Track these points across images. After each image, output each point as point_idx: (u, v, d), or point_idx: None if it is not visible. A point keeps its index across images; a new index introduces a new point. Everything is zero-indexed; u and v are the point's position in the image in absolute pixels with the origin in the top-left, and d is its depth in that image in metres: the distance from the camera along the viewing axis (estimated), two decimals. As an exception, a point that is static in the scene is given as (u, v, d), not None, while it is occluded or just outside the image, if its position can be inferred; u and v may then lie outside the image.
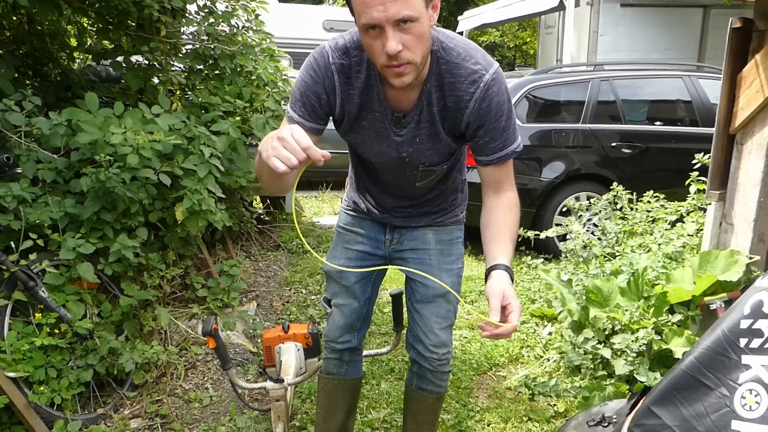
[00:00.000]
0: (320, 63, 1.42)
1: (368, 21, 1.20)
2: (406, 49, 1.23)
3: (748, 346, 1.12)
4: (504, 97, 1.41)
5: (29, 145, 2.46)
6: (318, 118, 1.47)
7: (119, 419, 2.44)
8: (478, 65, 1.38)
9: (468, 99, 1.39)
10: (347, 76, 1.43)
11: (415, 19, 1.20)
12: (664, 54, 7.73)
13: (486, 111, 1.40)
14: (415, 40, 1.23)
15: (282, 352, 2.31)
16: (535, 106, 4.83)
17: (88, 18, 3.56)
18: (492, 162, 1.48)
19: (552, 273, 3.32)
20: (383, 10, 1.17)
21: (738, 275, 2.49)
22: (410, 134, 1.49)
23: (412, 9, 1.19)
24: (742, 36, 2.55)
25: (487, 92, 1.38)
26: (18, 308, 2.32)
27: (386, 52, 1.22)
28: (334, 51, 1.42)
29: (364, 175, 1.77)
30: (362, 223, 1.84)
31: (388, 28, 1.20)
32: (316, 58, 1.44)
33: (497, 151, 1.46)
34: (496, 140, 1.44)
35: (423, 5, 1.22)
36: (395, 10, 1.17)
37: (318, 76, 1.43)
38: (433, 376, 1.85)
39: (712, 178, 2.74)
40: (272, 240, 4.65)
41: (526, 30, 16.02)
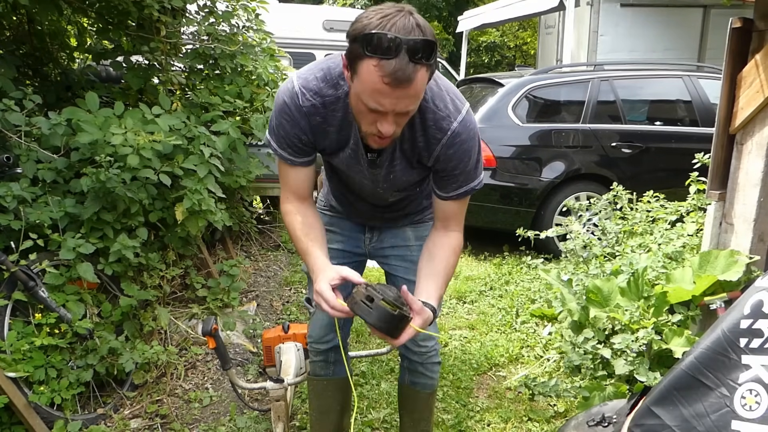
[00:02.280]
0: (291, 106, 1.42)
1: (375, 107, 1.22)
2: (397, 126, 1.29)
3: (748, 346, 1.12)
4: (470, 143, 1.44)
5: (29, 144, 2.45)
6: (305, 154, 1.52)
7: (119, 419, 2.44)
8: (447, 111, 1.40)
9: (435, 143, 1.42)
10: (320, 115, 1.43)
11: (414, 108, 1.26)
12: (664, 54, 7.72)
13: (451, 156, 1.44)
14: (406, 120, 1.30)
15: (282, 352, 2.31)
16: (535, 106, 4.83)
17: (88, 18, 3.56)
18: (450, 198, 1.52)
19: (552, 273, 3.32)
20: (395, 103, 1.20)
21: (738, 275, 2.49)
22: (385, 171, 1.53)
23: (417, 103, 1.25)
24: (742, 36, 2.55)
25: (454, 140, 1.41)
26: (18, 308, 2.32)
27: (380, 130, 1.27)
28: (304, 93, 1.40)
29: (338, 184, 1.78)
30: (340, 222, 1.85)
31: (389, 115, 1.24)
32: (287, 102, 1.42)
33: (456, 189, 1.50)
34: (458, 180, 1.48)
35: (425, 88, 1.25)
36: (404, 105, 1.22)
37: (293, 119, 1.43)
38: (424, 369, 1.86)
39: (712, 178, 2.73)
40: (272, 240, 4.65)
41: (526, 30, 16.02)
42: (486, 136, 4.55)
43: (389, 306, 1.28)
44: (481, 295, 3.94)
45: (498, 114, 4.64)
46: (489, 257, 4.74)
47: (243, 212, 4.16)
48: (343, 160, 1.53)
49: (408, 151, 1.47)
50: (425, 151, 1.46)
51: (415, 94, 1.21)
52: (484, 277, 4.25)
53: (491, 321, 3.52)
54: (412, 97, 1.21)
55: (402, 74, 1.14)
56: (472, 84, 5.51)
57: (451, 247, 1.54)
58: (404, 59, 1.13)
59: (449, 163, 1.45)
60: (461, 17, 10.81)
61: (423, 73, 1.18)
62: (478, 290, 4.00)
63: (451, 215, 1.56)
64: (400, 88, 1.16)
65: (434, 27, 16.03)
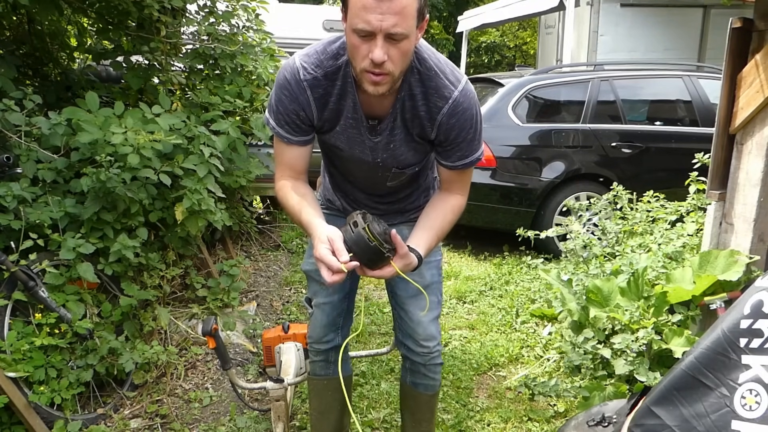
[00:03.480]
0: (291, 81, 1.45)
1: (363, 26, 1.24)
2: (389, 60, 1.28)
3: (748, 346, 1.12)
4: (471, 111, 1.46)
5: (29, 144, 2.45)
6: (303, 132, 1.53)
7: (119, 419, 2.44)
8: (449, 80, 1.43)
9: (436, 112, 1.44)
10: (321, 87, 1.46)
11: (405, 36, 1.26)
12: (664, 54, 7.72)
13: (453, 125, 1.46)
14: (400, 55, 1.29)
15: (282, 352, 2.32)
16: (535, 106, 4.83)
17: (88, 18, 3.56)
18: (453, 168, 1.55)
19: (552, 273, 3.32)
20: (381, 19, 1.22)
21: (738, 275, 2.49)
22: (385, 140, 1.53)
23: (405, 27, 1.24)
24: (742, 36, 2.55)
25: (456, 108, 1.44)
26: (18, 308, 2.32)
27: (371, 58, 1.27)
28: (305, 66, 1.44)
29: (336, 175, 1.78)
30: (338, 220, 1.83)
31: (379, 37, 1.24)
32: (287, 78, 1.46)
33: (460, 159, 1.52)
34: (462, 150, 1.51)
35: (414, 25, 1.28)
36: (391, 22, 1.22)
37: (292, 94, 1.46)
38: (426, 370, 1.86)
39: (712, 178, 2.73)
40: (272, 240, 4.65)
41: (526, 30, 16.02)
42: (486, 136, 4.49)
43: (369, 235, 1.30)
44: (481, 295, 3.94)
45: (498, 114, 4.64)
46: (489, 257, 4.74)
47: (243, 212, 4.16)
48: (343, 132, 1.53)
49: (409, 121, 1.48)
50: (427, 121, 1.47)
51: (400, 11, 1.22)
52: (484, 277, 4.26)
53: (491, 321, 3.52)
54: (398, 15, 1.22)
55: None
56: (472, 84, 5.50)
57: (450, 205, 1.58)
58: None
59: (451, 132, 1.46)
60: (461, 17, 10.82)
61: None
62: (478, 290, 4.00)
63: (455, 182, 1.59)
64: (384, 1, 1.20)
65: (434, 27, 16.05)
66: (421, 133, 1.51)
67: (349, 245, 1.31)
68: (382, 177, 1.66)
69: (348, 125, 1.51)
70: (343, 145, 1.58)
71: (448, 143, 1.49)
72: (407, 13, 1.24)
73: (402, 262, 1.39)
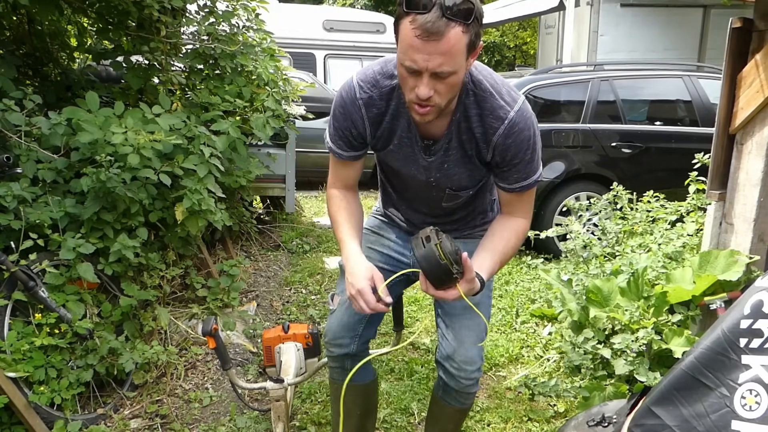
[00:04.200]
0: (347, 100, 1.48)
1: (410, 64, 1.24)
2: (436, 94, 1.28)
3: (748, 346, 1.12)
4: (529, 132, 1.43)
5: (29, 144, 2.45)
6: (354, 148, 1.58)
7: (119, 419, 2.44)
8: (504, 101, 1.41)
9: (492, 133, 1.43)
10: (376, 106, 1.48)
11: (452, 73, 1.25)
12: (664, 54, 7.73)
13: (510, 146, 1.43)
14: (447, 89, 1.29)
15: (282, 352, 2.31)
16: (535, 106, 4.82)
17: (88, 18, 3.56)
18: (514, 190, 1.52)
19: (552, 273, 3.32)
20: (427, 59, 1.21)
21: (738, 275, 2.49)
22: (439, 160, 1.52)
23: (452, 65, 1.23)
24: (742, 36, 2.55)
25: (512, 129, 1.41)
26: (18, 308, 2.32)
27: (416, 93, 1.28)
28: (361, 85, 1.47)
29: (391, 192, 1.79)
30: (391, 228, 1.84)
31: (425, 75, 1.24)
32: (343, 96, 1.49)
33: (519, 182, 1.49)
34: (520, 172, 1.48)
35: (464, 58, 1.26)
36: (437, 62, 1.21)
37: (346, 112, 1.49)
38: (457, 395, 1.77)
39: (712, 178, 2.74)
40: (272, 240, 4.65)
41: (526, 30, 16.01)
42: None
43: (440, 253, 1.29)
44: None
45: (498, 114, 4.63)
46: (489, 257, 4.74)
47: (243, 212, 4.15)
48: (397, 150, 1.55)
49: (466, 142, 1.47)
50: (483, 142, 1.46)
51: (447, 52, 1.20)
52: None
53: (491, 321, 3.52)
54: (445, 55, 1.20)
55: (432, 26, 1.16)
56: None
57: (514, 229, 1.54)
58: (437, 13, 1.16)
59: (507, 153, 1.44)
60: (461, 17, 10.80)
61: (457, 32, 1.19)
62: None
63: (516, 205, 1.56)
64: (431, 42, 1.18)
65: (434, 27, 16.08)
66: (477, 154, 1.50)
67: (418, 259, 1.31)
68: (437, 197, 1.65)
69: (402, 144, 1.52)
70: (398, 163, 1.60)
71: (504, 164, 1.47)
72: (455, 51, 1.22)
73: (467, 286, 1.37)
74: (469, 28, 1.21)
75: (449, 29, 1.18)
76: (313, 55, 9.27)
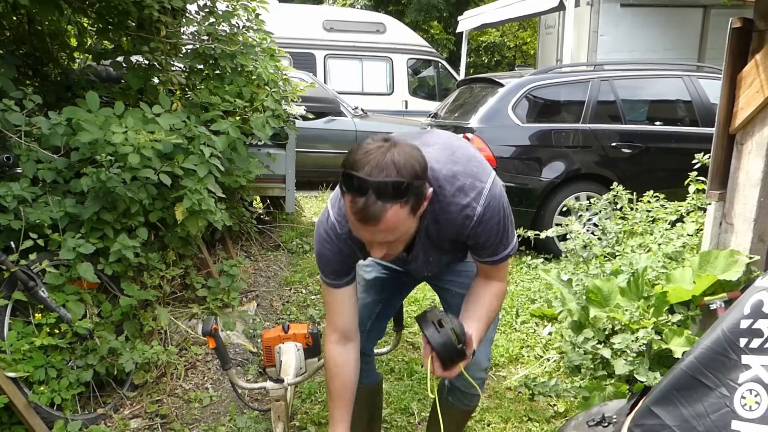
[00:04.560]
0: (331, 235, 1.50)
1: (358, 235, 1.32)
2: (390, 247, 1.34)
3: (748, 346, 1.12)
4: (498, 216, 1.45)
5: (29, 144, 2.45)
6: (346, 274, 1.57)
7: (119, 419, 2.44)
8: (469, 198, 1.40)
9: (464, 229, 1.45)
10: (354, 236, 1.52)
11: (400, 237, 1.30)
12: (664, 54, 7.72)
13: (481, 233, 1.46)
14: (400, 243, 1.35)
15: (282, 352, 2.31)
16: (535, 106, 4.83)
17: (88, 18, 3.56)
18: (488, 263, 1.55)
19: (552, 273, 3.32)
20: (371, 236, 1.28)
21: (738, 275, 2.49)
22: (418, 261, 1.59)
23: (397, 233, 1.28)
24: (742, 36, 2.55)
25: (481, 221, 1.43)
26: (18, 308, 2.32)
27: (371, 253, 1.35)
28: (339, 221, 1.48)
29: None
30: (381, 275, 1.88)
31: (374, 243, 1.31)
32: (327, 232, 1.50)
33: (493, 256, 1.53)
34: (493, 249, 1.51)
35: (410, 219, 1.27)
36: (381, 237, 1.28)
37: (334, 247, 1.51)
38: (462, 396, 1.80)
39: (712, 178, 2.73)
40: (272, 240, 4.65)
41: (526, 30, 16.02)
42: (486, 136, 4.55)
43: (455, 337, 1.32)
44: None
45: (498, 114, 4.63)
46: (489, 257, 4.74)
47: (243, 212, 4.15)
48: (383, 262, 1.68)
49: (438, 241, 1.52)
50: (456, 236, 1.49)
51: (387, 229, 1.24)
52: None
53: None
54: (386, 232, 1.25)
55: (367, 213, 1.20)
56: (472, 84, 5.51)
57: (493, 293, 1.57)
58: (371, 198, 1.18)
59: (480, 238, 1.48)
60: (461, 17, 10.82)
61: (395, 210, 1.21)
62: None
63: (493, 272, 1.58)
64: (369, 225, 1.23)
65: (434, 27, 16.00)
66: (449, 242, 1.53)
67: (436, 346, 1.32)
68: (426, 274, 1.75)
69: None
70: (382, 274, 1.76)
71: (479, 246, 1.51)
72: (396, 226, 1.25)
73: (467, 362, 1.41)
74: (406, 201, 1.23)
75: (385, 211, 1.20)
76: (313, 55, 9.27)
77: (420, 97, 10.01)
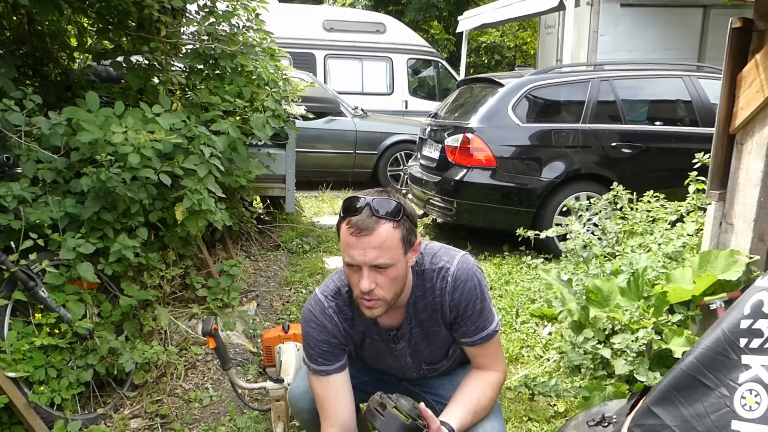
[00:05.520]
0: (317, 313, 1.55)
1: (348, 260, 1.37)
2: (378, 287, 1.38)
3: (748, 346, 1.12)
4: (473, 281, 1.52)
5: (29, 144, 2.46)
6: (337, 357, 1.57)
7: (119, 419, 2.44)
8: (443, 261, 1.52)
9: (442, 295, 1.51)
10: (344, 313, 1.57)
11: (389, 266, 1.36)
12: (664, 54, 7.72)
13: (460, 300, 1.51)
14: (388, 282, 1.39)
15: (282, 352, 2.32)
16: (535, 106, 4.83)
17: (88, 18, 3.56)
18: (476, 343, 1.56)
19: (552, 273, 3.32)
20: (363, 254, 1.34)
21: (738, 275, 2.49)
22: (406, 344, 1.61)
23: (388, 258, 1.35)
24: (742, 36, 2.55)
25: (456, 282, 1.50)
26: (18, 308, 2.32)
27: (360, 288, 1.38)
28: (325, 295, 1.56)
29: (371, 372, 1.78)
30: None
31: (364, 269, 1.35)
32: (312, 310, 1.56)
33: (478, 333, 1.54)
34: (475, 323, 1.53)
35: (401, 253, 1.38)
36: (373, 256, 1.34)
37: (320, 325, 1.54)
38: None
39: (712, 178, 2.73)
40: (272, 240, 4.65)
41: (526, 30, 16.03)
42: (486, 136, 4.55)
43: (402, 415, 1.28)
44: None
45: (498, 114, 4.63)
46: (489, 257, 4.74)
47: (243, 212, 4.15)
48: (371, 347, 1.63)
49: (425, 320, 1.56)
50: (439, 307, 1.53)
51: (380, 245, 1.33)
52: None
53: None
54: (378, 249, 1.33)
55: (362, 224, 1.32)
56: (472, 84, 5.51)
57: (486, 381, 1.56)
58: (367, 213, 1.34)
59: (459, 306, 1.51)
60: (461, 17, 10.82)
61: (388, 228, 1.34)
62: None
63: (485, 358, 1.58)
64: (363, 237, 1.32)
65: (434, 27, 16.01)
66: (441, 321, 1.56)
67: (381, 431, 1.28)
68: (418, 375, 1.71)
69: (375, 341, 1.61)
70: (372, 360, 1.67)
71: (460, 318, 1.52)
72: (388, 245, 1.34)
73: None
74: (399, 224, 1.36)
75: (379, 225, 1.33)
76: (313, 55, 9.28)
77: (420, 97, 10.01)
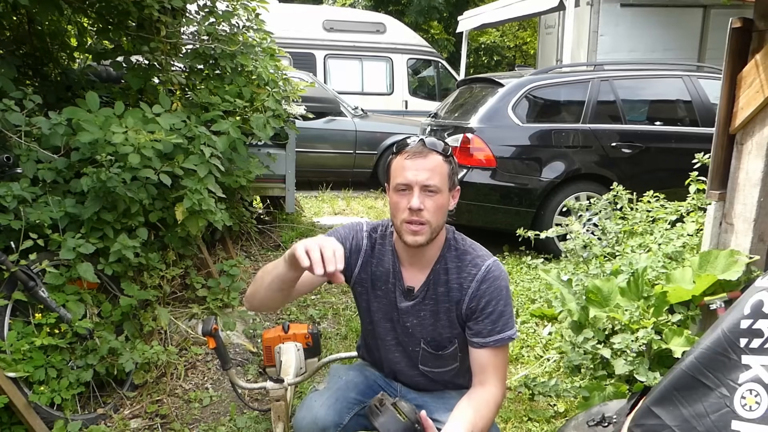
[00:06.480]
0: (356, 229, 1.69)
1: (402, 181, 1.48)
2: (426, 210, 1.47)
3: (748, 346, 1.11)
4: (503, 283, 1.56)
5: (29, 144, 2.46)
6: None
7: (119, 419, 2.44)
8: (481, 252, 1.61)
9: (470, 280, 1.55)
10: (372, 246, 1.67)
11: (438, 190, 1.49)
12: (664, 54, 7.73)
13: (484, 292, 1.53)
14: (434, 206, 1.49)
15: (282, 352, 2.31)
16: (535, 106, 4.83)
17: (88, 18, 3.56)
18: (487, 345, 1.53)
19: (552, 273, 3.32)
20: (416, 174, 1.47)
21: (738, 275, 2.49)
22: (416, 306, 1.62)
23: (438, 182, 1.49)
24: (742, 36, 2.55)
25: (488, 274, 1.55)
26: (18, 308, 2.32)
27: (410, 206, 1.47)
28: (367, 226, 1.70)
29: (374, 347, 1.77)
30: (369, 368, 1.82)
31: (416, 188, 1.47)
32: (353, 226, 1.70)
33: (494, 334, 1.53)
34: (495, 323, 1.53)
35: (447, 186, 1.52)
36: (425, 177, 1.47)
37: (350, 235, 1.67)
38: None
39: (712, 178, 2.73)
40: (272, 240, 4.65)
41: (526, 30, 16.03)
42: (486, 136, 4.55)
43: (399, 413, 1.28)
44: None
45: (498, 114, 4.64)
46: (489, 257, 4.74)
47: (243, 212, 4.15)
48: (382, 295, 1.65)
49: (441, 295, 1.58)
50: (458, 292, 1.56)
51: (432, 168, 1.47)
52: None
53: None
54: (430, 171, 1.47)
55: (417, 150, 1.49)
56: (472, 84, 5.51)
57: (486, 400, 1.49)
58: (420, 145, 1.50)
59: (482, 299, 1.53)
60: (461, 17, 10.82)
61: (438, 158, 1.50)
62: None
63: (488, 367, 1.53)
64: (418, 159, 1.48)
65: (434, 27, 16.03)
66: (453, 308, 1.57)
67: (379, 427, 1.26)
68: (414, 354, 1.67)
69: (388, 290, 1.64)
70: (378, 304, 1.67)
71: (479, 312, 1.53)
72: (438, 171, 1.49)
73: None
74: (447, 159, 1.52)
75: (431, 153, 1.49)
76: (313, 55, 9.28)
77: (420, 97, 10.01)
